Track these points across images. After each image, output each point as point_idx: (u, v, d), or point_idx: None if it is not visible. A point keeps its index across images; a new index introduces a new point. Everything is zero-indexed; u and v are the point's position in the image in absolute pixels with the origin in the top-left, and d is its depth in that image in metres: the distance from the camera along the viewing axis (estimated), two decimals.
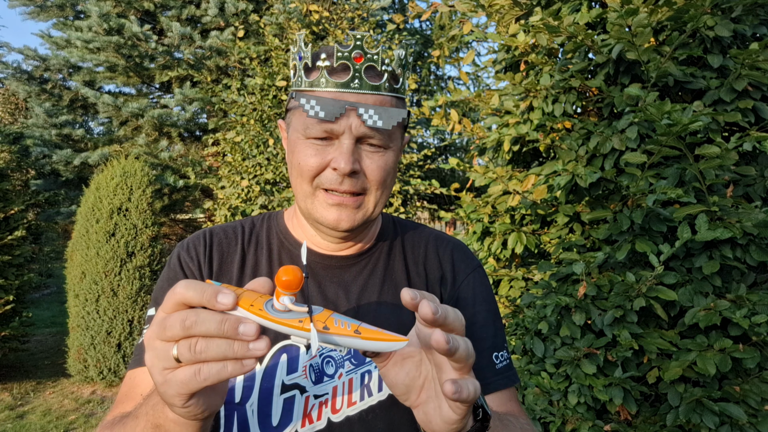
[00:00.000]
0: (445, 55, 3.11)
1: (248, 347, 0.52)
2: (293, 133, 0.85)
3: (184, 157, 8.17)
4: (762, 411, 1.68)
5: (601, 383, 1.82)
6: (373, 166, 0.82)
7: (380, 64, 0.79)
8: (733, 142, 1.79)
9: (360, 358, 0.86)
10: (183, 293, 0.54)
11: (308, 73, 0.81)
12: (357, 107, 0.77)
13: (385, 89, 0.80)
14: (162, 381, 0.54)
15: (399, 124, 0.82)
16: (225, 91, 5.90)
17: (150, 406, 0.65)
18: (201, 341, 0.52)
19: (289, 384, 0.83)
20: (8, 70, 8.31)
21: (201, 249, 0.91)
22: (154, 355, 0.55)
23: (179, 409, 0.57)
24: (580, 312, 1.94)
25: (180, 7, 8.12)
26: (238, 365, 0.52)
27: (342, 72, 0.79)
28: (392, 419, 0.84)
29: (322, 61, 0.79)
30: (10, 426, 4.26)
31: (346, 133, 0.79)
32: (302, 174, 0.83)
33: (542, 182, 2.22)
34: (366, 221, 0.86)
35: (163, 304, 0.56)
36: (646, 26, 1.92)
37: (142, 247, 5.00)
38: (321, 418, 0.82)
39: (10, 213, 5.33)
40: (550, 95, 2.27)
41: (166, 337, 0.54)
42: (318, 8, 5.66)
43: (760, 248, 1.78)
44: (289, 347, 0.85)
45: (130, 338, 4.88)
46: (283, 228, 0.97)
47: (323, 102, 0.77)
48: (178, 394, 0.54)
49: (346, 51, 0.77)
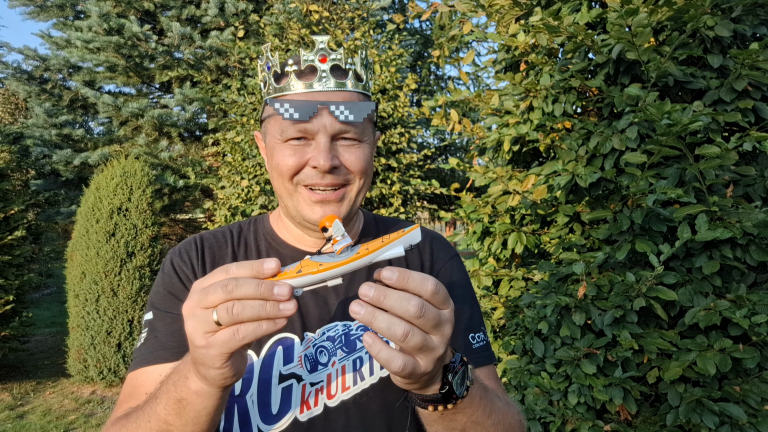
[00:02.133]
0: (445, 55, 3.11)
1: (279, 307, 0.58)
2: (270, 140, 0.89)
3: (184, 157, 8.17)
4: (762, 411, 1.68)
5: (601, 383, 1.82)
6: (352, 158, 0.86)
7: (344, 63, 0.84)
8: (733, 142, 1.79)
9: (351, 345, 0.90)
10: (235, 271, 0.61)
11: (278, 80, 0.85)
12: (328, 105, 0.81)
13: (351, 86, 0.85)
14: (204, 344, 0.60)
15: (369, 117, 0.87)
16: (225, 91, 5.90)
17: (171, 384, 0.70)
18: (238, 304, 0.58)
19: (286, 374, 0.87)
20: (8, 70, 8.31)
21: (193, 254, 0.95)
22: (196, 322, 0.60)
23: (215, 371, 0.62)
24: (580, 312, 1.94)
25: (180, 7, 8.12)
26: (271, 323, 0.59)
27: (309, 74, 0.84)
28: (385, 400, 0.88)
29: (290, 67, 0.83)
30: (10, 426, 4.26)
31: (321, 131, 0.82)
32: (282, 174, 0.86)
33: (542, 182, 2.22)
34: (351, 212, 0.90)
35: (206, 278, 0.62)
36: (646, 26, 1.92)
37: (142, 247, 5.00)
38: (318, 404, 0.86)
39: (10, 213, 5.33)
40: (550, 95, 2.27)
41: (208, 302, 0.59)
42: (318, 8, 5.66)
43: (760, 248, 1.78)
44: (283, 339, 0.89)
45: (130, 338, 4.88)
46: (269, 230, 1.00)
47: (296, 104, 0.81)
48: (220, 354, 0.60)
49: (311, 54, 0.83)
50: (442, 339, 0.63)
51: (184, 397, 0.68)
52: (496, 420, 0.79)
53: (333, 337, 0.90)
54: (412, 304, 0.59)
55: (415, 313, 0.59)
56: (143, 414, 0.72)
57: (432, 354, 0.62)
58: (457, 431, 0.75)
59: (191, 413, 0.68)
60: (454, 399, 0.70)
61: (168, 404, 0.69)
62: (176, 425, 0.69)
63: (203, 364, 0.62)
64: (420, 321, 0.59)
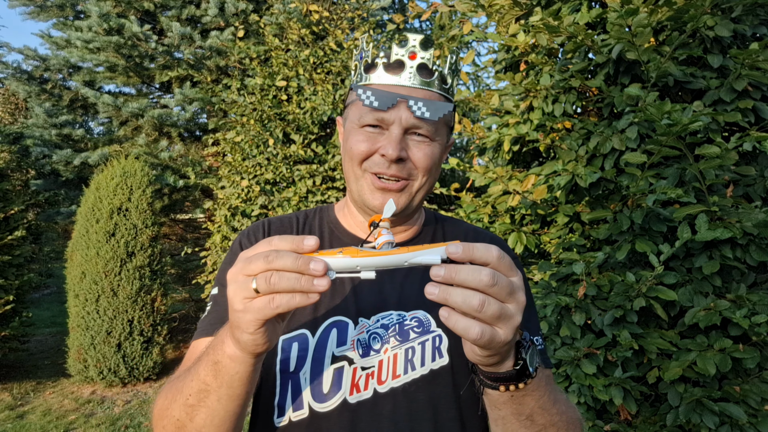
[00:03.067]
0: (445, 55, 3.10)
1: (313, 282, 0.61)
2: (349, 124, 0.94)
3: (184, 157, 8.16)
4: (762, 411, 1.68)
5: (601, 383, 1.82)
6: (420, 154, 0.89)
7: (432, 63, 0.88)
8: (733, 142, 1.79)
9: (405, 335, 0.92)
10: (277, 243, 0.65)
11: (367, 70, 0.90)
12: (407, 99, 0.85)
13: (434, 86, 0.88)
14: (242, 308, 0.64)
15: (445, 118, 0.91)
16: (225, 91, 5.90)
17: (211, 348, 0.75)
18: (275, 275, 0.62)
19: (339, 356, 0.89)
20: (8, 70, 8.31)
21: (260, 235, 1.01)
22: (237, 287, 0.65)
23: (249, 336, 0.66)
24: (580, 312, 1.94)
25: (180, 7, 8.12)
26: (304, 297, 0.62)
27: (397, 68, 0.88)
28: (433, 392, 0.89)
29: (380, 59, 0.88)
30: (10, 426, 4.25)
31: (396, 122, 0.87)
32: (352, 158, 0.91)
33: (542, 182, 2.22)
34: (409, 206, 0.93)
35: (252, 249, 0.66)
36: (646, 26, 1.92)
37: (142, 247, 5.00)
38: (368, 388, 0.88)
39: (10, 213, 5.32)
40: (550, 95, 2.26)
41: (250, 270, 0.64)
42: (318, 8, 5.65)
43: (760, 248, 1.78)
44: (338, 322, 0.92)
45: (130, 338, 4.88)
46: (334, 219, 1.06)
47: (378, 93, 0.85)
48: (255, 319, 0.64)
49: (403, 50, 0.87)
50: (518, 306, 0.63)
51: (219, 360, 0.73)
52: (560, 410, 0.79)
53: (387, 325, 0.92)
54: (483, 273, 0.60)
55: (488, 281, 0.60)
56: (189, 374, 0.79)
57: (511, 322, 0.63)
58: (524, 416, 0.75)
59: (225, 376, 0.73)
60: (527, 376, 0.70)
61: (207, 366, 0.75)
62: (213, 386, 0.74)
63: (238, 327, 0.66)
64: (494, 290, 0.60)
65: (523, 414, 0.75)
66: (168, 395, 0.82)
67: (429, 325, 0.92)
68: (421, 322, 0.92)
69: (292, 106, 5.01)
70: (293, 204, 4.71)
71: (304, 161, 5.07)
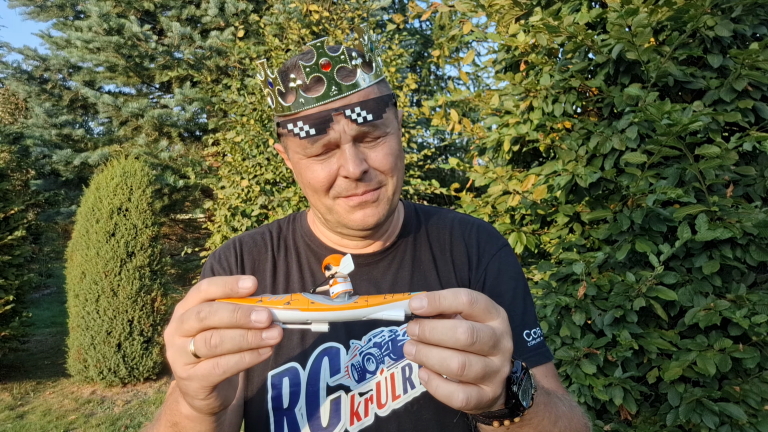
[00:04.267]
0: (445, 55, 3.11)
1: (261, 337, 0.53)
2: (294, 156, 0.85)
3: (184, 157, 8.16)
4: (762, 411, 1.68)
5: (601, 383, 1.82)
6: (379, 157, 0.82)
7: (349, 60, 0.77)
8: (733, 142, 1.79)
9: (398, 352, 0.87)
10: (206, 289, 0.56)
11: (284, 97, 0.80)
12: (343, 110, 0.77)
13: (363, 83, 0.79)
14: (185, 376, 0.57)
15: (388, 107, 0.82)
16: (225, 91, 5.90)
17: (167, 407, 0.70)
18: (215, 335, 0.53)
19: (334, 385, 0.85)
20: (8, 70, 8.31)
21: (232, 259, 0.94)
22: (175, 351, 0.57)
23: (200, 402, 0.60)
24: (580, 312, 1.94)
25: (180, 7, 8.12)
26: (254, 354, 0.54)
27: (316, 85, 0.77)
28: (438, 408, 0.85)
29: (293, 82, 0.77)
30: (10, 426, 4.26)
31: (342, 138, 0.78)
32: (317, 190, 0.83)
33: (542, 182, 2.22)
34: (390, 211, 0.87)
35: (185, 301, 0.58)
36: (646, 26, 1.92)
37: (142, 247, 5.00)
38: (368, 414, 0.84)
39: (10, 213, 5.33)
40: (550, 95, 2.27)
41: (184, 331, 0.55)
42: (318, 8, 5.66)
43: (760, 248, 1.78)
44: (329, 349, 0.87)
45: (130, 338, 4.88)
46: (308, 230, 0.98)
47: (309, 119, 0.77)
48: (201, 387, 0.57)
49: (312, 63, 0.75)
50: (504, 356, 0.56)
51: (177, 421, 0.68)
52: (562, 426, 0.74)
53: (380, 344, 0.87)
54: (460, 331, 0.51)
55: (467, 340, 0.51)
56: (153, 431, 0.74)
57: (497, 377, 0.55)
58: None
59: None
60: (521, 411, 0.63)
61: (166, 428, 0.70)
62: None
63: (187, 394, 0.60)
64: (475, 347, 0.52)
65: None
66: None
67: None
68: None
69: None
70: (293, 204, 4.71)
71: None
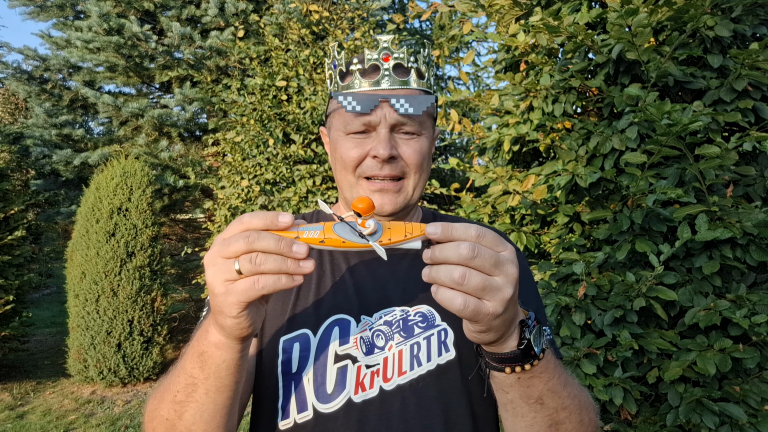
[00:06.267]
0: (445, 55, 3.11)
1: (299, 264, 0.61)
2: (334, 133, 0.94)
3: (184, 157, 8.16)
4: (762, 411, 1.68)
5: (601, 383, 1.82)
6: (409, 151, 0.90)
7: (407, 61, 0.89)
8: (733, 142, 1.79)
9: (409, 331, 0.90)
10: (249, 221, 0.63)
11: (343, 78, 0.92)
12: (389, 98, 0.86)
13: (412, 83, 0.90)
14: (223, 291, 0.63)
15: (428, 111, 0.91)
16: (225, 91, 5.89)
17: (195, 339, 0.74)
18: (261, 255, 0.61)
19: (342, 354, 0.88)
20: (8, 70, 8.30)
21: None
22: (217, 270, 0.63)
23: (232, 320, 0.65)
24: (580, 312, 1.94)
25: (180, 7, 8.12)
26: (289, 279, 0.62)
27: (373, 72, 0.89)
28: (442, 387, 0.88)
29: (355, 66, 0.89)
30: (10, 426, 4.26)
31: (382, 122, 0.88)
32: (345, 166, 0.91)
33: (542, 182, 2.22)
34: (407, 205, 0.94)
35: (227, 231, 0.64)
36: (646, 26, 1.92)
37: (142, 247, 5.00)
38: (373, 386, 0.87)
39: (10, 213, 5.33)
40: (550, 95, 2.26)
41: (230, 252, 0.62)
42: (318, 8, 5.65)
43: (760, 248, 1.78)
44: (340, 320, 0.91)
45: (130, 338, 4.88)
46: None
47: (359, 97, 0.86)
48: (238, 302, 0.63)
49: (375, 53, 0.88)
50: (507, 279, 0.62)
51: (205, 350, 0.72)
52: (572, 393, 0.78)
53: (390, 322, 0.91)
54: (463, 246, 0.60)
55: (468, 254, 0.60)
56: (175, 370, 0.78)
57: (499, 294, 0.61)
58: (533, 400, 0.73)
59: (212, 366, 0.72)
60: (533, 357, 0.69)
61: (192, 358, 0.73)
62: (200, 378, 0.73)
63: (221, 312, 0.65)
64: (475, 262, 0.60)
65: (532, 397, 0.73)
66: (157, 395, 0.81)
67: (434, 319, 0.91)
68: (425, 317, 0.91)
69: (292, 106, 5.01)
70: (293, 204, 4.71)
71: (304, 161, 5.07)
